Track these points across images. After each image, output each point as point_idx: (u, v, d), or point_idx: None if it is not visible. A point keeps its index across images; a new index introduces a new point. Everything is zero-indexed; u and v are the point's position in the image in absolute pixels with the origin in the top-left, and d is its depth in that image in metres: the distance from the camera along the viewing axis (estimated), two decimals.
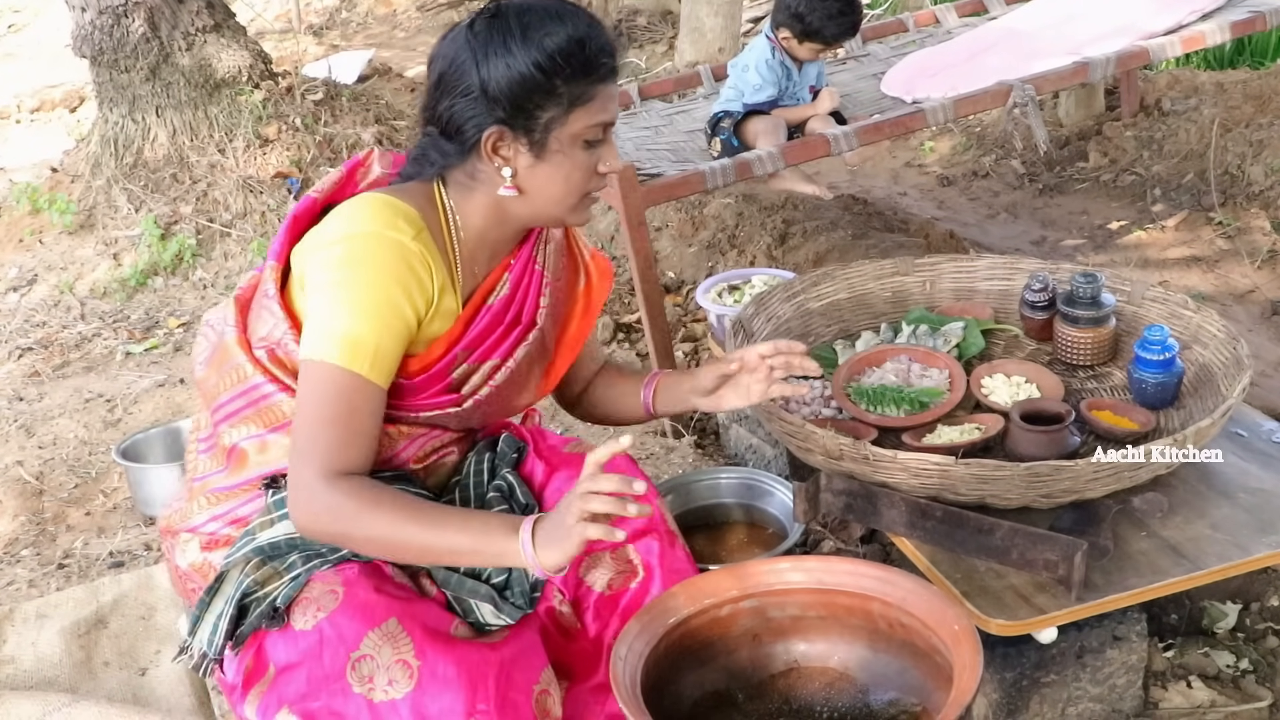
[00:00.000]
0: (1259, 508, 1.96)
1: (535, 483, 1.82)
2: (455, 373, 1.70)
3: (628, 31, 7.73)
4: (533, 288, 1.77)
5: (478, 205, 1.68)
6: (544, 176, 1.64)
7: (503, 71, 1.57)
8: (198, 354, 1.81)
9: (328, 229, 1.62)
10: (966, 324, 2.51)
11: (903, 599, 1.64)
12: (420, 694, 1.49)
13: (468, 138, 1.62)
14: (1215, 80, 4.98)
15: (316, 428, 1.55)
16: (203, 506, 1.74)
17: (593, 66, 1.60)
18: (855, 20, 3.44)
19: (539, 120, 1.60)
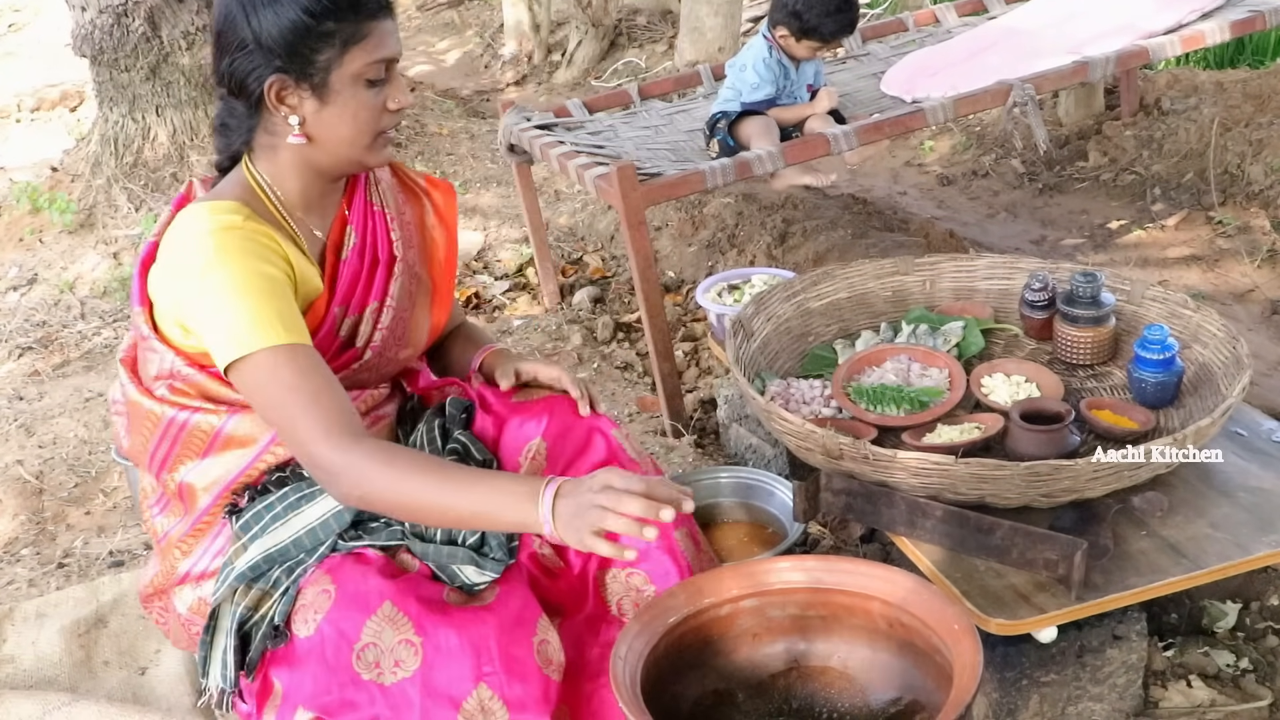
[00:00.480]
0: (1259, 507, 1.96)
1: (489, 438, 1.83)
2: (342, 330, 1.74)
3: (627, 31, 7.72)
4: (380, 227, 1.80)
5: (285, 165, 1.70)
6: (332, 120, 1.65)
7: (272, 20, 1.58)
8: (118, 433, 1.86)
9: (167, 254, 1.66)
10: (966, 323, 2.51)
11: (903, 598, 1.64)
12: (428, 669, 1.52)
13: (252, 92, 1.63)
14: (1215, 79, 4.97)
15: (284, 408, 1.57)
16: (178, 558, 1.77)
17: (360, 5, 1.61)
18: (852, 17, 3.43)
19: (316, 64, 1.60)
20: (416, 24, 10.74)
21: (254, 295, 1.57)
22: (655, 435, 3.01)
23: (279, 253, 1.64)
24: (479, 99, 7.62)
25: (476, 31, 9.64)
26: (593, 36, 7.52)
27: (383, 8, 1.64)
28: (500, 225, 4.74)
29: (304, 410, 1.56)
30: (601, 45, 7.59)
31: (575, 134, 3.62)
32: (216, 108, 1.74)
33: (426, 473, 1.55)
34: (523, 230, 4.41)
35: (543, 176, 4.94)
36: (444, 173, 5.28)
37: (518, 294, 4.25)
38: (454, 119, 6.26)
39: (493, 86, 7.97)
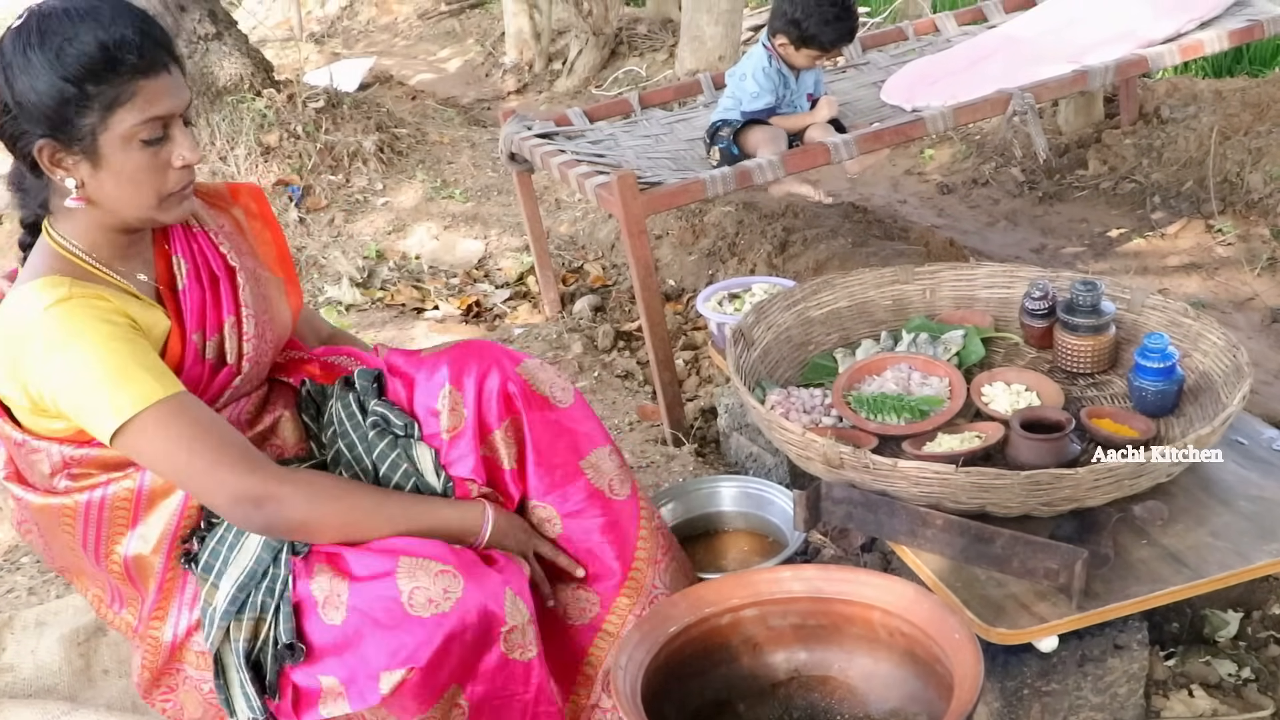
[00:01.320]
0: (1260, 515, 1.96)
1: (404, 402, 1.83)
2: (206, 354, 1.71)
3: (628, 40, 7.74)
4: (205, 246, 1.76)
5: (84, 223, 1.64)
6: (109, 183, 1.58)
7: (28, 86, 1.52)
8: (39, 549, 1.80)
9: (6, 349, 1.58)
10: (966, 332, 2.51)
11: (903, 608, 1.64)
12: (472, 583, 1.59)
13: (25, 155, 1.58)
14: (1214, 88, 4.98)
15: (194, 458, 1.56)
16: (158, 628, 1.75)
17: (114, 65, 1.53)
18: (851, 26, 3.43)
19: (81, 128, 1.54)
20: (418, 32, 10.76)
21: (113, 358, 1.53)
22: (656, 444, 3.01)
23: (117, 309, 1.59)
24: (480, 107, 7.63)
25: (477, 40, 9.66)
26: (593, 45, 7.53)
27: (152, 65, 1.55)
28: (501, 234, 4.75)
29: (214, 456, 1.56)
30: (602, 54, 7.60)
31: (576, 142, 3.63)
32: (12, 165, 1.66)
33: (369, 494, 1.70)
34: (523, 239, 4.42)
35: (543, 185, 4.95)
36: (444, 181, 5.28)
37: (518, 302, 4.26)
38: (455, 127, 6.27)
39: (494, 95, 7.98)
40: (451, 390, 1.77)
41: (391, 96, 6.84)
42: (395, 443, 1.77)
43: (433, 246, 4.71)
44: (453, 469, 1.75)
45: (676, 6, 7.39)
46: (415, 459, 1.76)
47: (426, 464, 1.75)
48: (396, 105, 6.36)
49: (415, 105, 6.80)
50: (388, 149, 5.40)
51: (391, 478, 1.75)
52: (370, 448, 1.77)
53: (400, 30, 11.30)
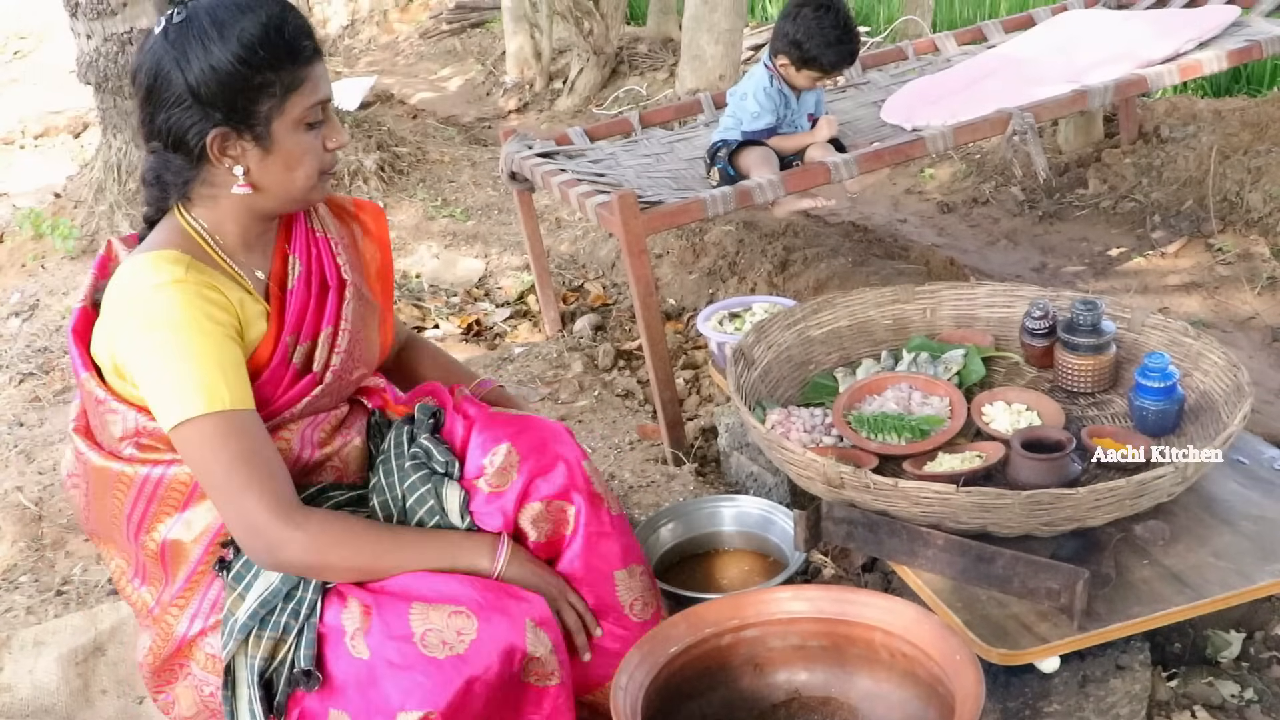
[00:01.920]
0: (1261, 535, 1.95)
1: (456, 440, 1.82)
2: (295, 358, 1.72)
3: (629, 59, 7.76)
4: (324, 253, 1.80)
5: (227, 211, 1.69)
6: (276, 167, 1.65)
7: (209, 74, 1.57)
8: (77, 507, 1.82)
9: (109, 313, 1.63)
10: (967, 351, 2.51)
11: (904, 628, 1.63)
12: (487, 624, 1.58)
13: (193, 147, 1.62)
14: (1213, 107, 5.00)
15: (231, 476, 1.57)
16: (173, 621, 1.74)
17: (296, 50, 1.61)
18: (853, 48, 3.44)
19: (258, 114, 1.61)
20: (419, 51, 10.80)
21: (199, 357, 1.56)
22: (656, 463, 3.00)
23: (223, 303, 1.62)
24: (480, 126, 7.65)
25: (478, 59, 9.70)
26: (594, 64, 7.56)
27: (315, 52, 1.65)
28: (501, 252, 4.75)
29: (253, 481, 1.57)
30: (603, 73, 7.63)
31: (576, 162, 3.63)
32: (146, 163, 1.69)
33: (380, 539, 1.66)
34: (524, 257, 4.42)
35: (544, 204, 4.95)
36: (445, 199, 5.29)
37: (519, 321, 4.26)
38: (455, 146, 6.29)
39: (494, 114, 8.01)
40: (510, 449, 1.76)
41: (392, 115, 6.87)
42: (429, 478, 1.75)
43: (433, 265, 4.72)
44: (479, 519, 1.74)
45: (677, 26, 7.42)
46: (444, 497, 1.74)
47: (453, 505, 1.73)
48: (397, 124, 6.38)
49: (416, 124, 6.83)
50: (388, 167, 5.42)
51: (417, 511, 1.73)
52: (404, 478, 1.76)
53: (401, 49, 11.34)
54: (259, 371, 1.67)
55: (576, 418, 3.35)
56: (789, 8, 3.42)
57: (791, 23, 3.38)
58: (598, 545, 1.78)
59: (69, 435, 1.76)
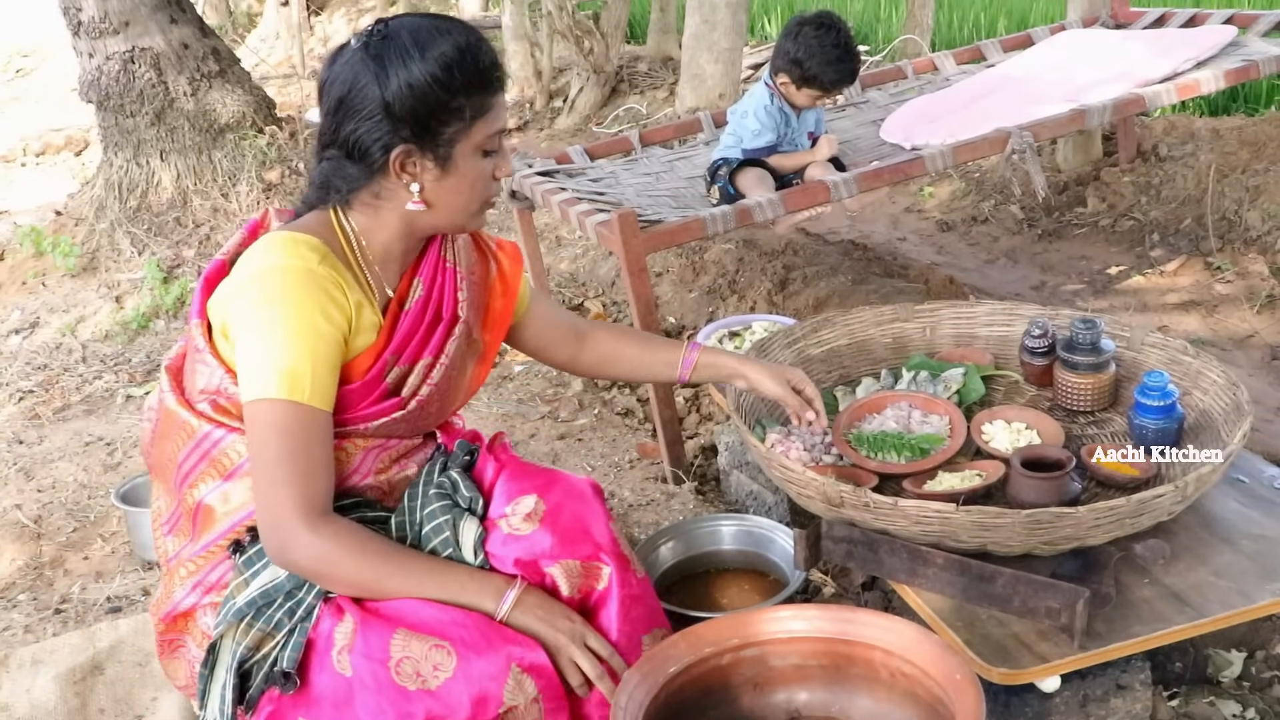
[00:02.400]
0: (1262, 554, 1.95)
1: (485, 480, 1.82)
2: (389, 378, 1.74)
3: (629, 78, 7.79)
4: (448, 285, 1.82)
5: (384, 221, 1.73)
6: (450, 188, 1.70)
7: (406, 91, 1.61)
8: (144, 438, 1.86)
9: (237, 275, 1.67)
10: (967, 370, 2.51)
11: (904, 648, 1.63)
12: (465, 665, 1.55)
13: (374, 159, 1.66)
14: (1211, 126, 5.02)
15: (277, 466, 1.59)
16: (182, 578, 1.76)
17: (487, 79, 1.67)
18: (853, 67, 3.46)
19: (444, 135, 1.65)
20: None
21: (299, 347, 1.60)
22: (656, 482, 3.00)
23: (342, 303, 1.65)
24: None
25: None
26: (594, 83, 7.59)
27: (502, 83, 1.71)
28: None
29: (293, 478, 1.59)
30: (603, 91, 7.66)
31: (577, 180, 3.64)
32: (317, 167, 1.73)
33: (389, 561, 1.63)
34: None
35: (544, 222, 4.96)
36: None
37: None
38: None
39: None
40: (537, 501, 1.74)
41: None
42: (450, 509, 1.75)
43: None
44: (494, 559, 1.71)
45: (677, 45, 7.45)
46: (460, 530, 1.72)
47: (468, 539, 1.72)
48: None
49: None
50: None
51: (431, 540, 1.73)
52: (425, 504, 1.76)
53: None
54: (352, 378, 1.70)
55: (576, 436, 3.35)
56: (790, 26, 3.43)
57: (792, 41, 3.39)
58: (631, 610, 1.75)
59: (160, 370, 1.82)
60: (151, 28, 5.01)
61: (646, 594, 1.80)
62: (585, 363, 2.16)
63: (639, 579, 1.79)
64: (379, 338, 1.73)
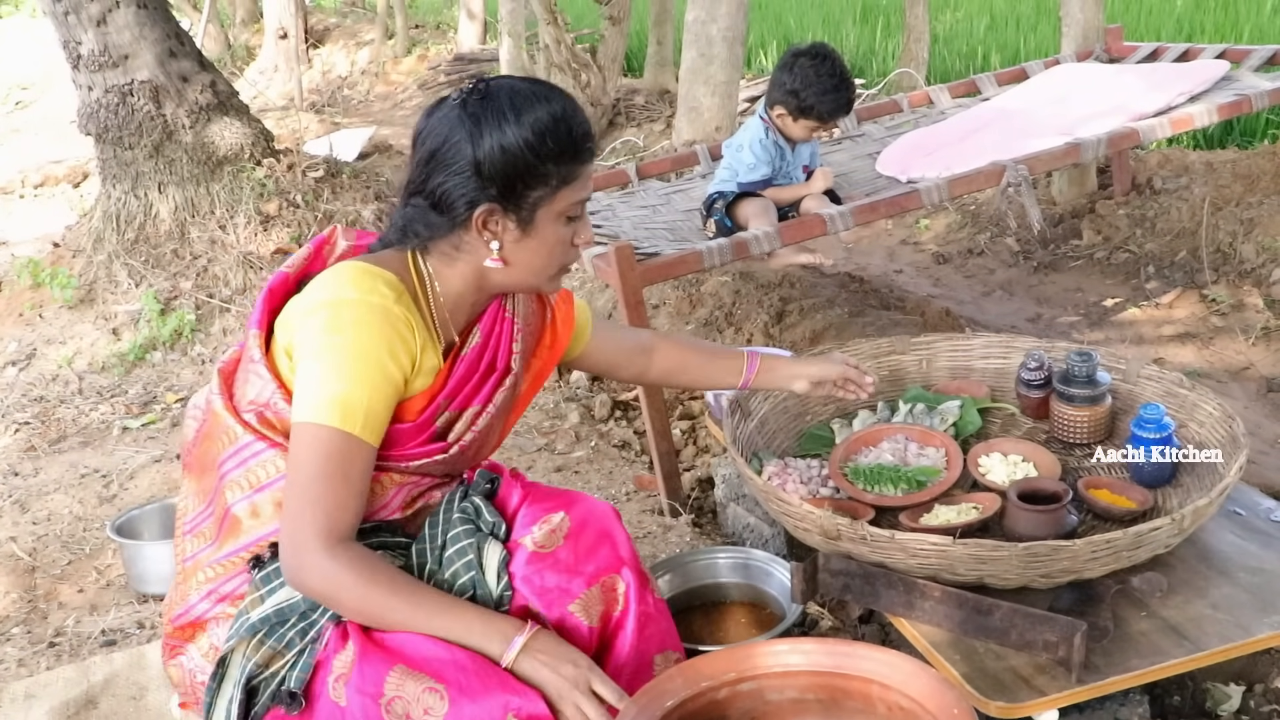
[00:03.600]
0: (1260, 587, 1.95)
1: (509, 507, 1.81)
2: (439, 421, 1.76)
3: (625, 111, 7.83)
4: (505, 335, 1.85)
5: (459, 273, 1.76)
6: (529, 250, 1.73)
7: (497, 152, 1.64)
8: (186, 436, 1.87)
9: (312, 297, 1.68)
10: (963, 402, 2.51)
11: (902, 681, 1.62)
12: (456, 711, 1.53)
13: (458, 213, 1.69)
14: (1205, 159, 5.05)
15: (313, 488, 1.60)
16: (199, 583, 1.76)
17: (579, 149, 1.70)
18: (849, 97, 3.47)
19: (528, 199, 1.69)
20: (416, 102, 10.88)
21: (361, 381, 1.62)
22: (652, 514, 3.00)
23: (410, 346, 1.68)
24: None
25: None
26: (591, 116, 7.63)
27: (592, 153, 1.74)
28: None
29: (324, 502, 1.60)
30: (600, 124, 7.69)
31: None
32: (400, 211, 1.76)
33: (398, 593, 1.61)
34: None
35: None
36: None
37: None
38: None
39: None
40: (564, 518, 1.74)
41: (391, 165, 6.91)
42: (473, 533, 1.74)
43: None
44: (517, 581, 1.70)
45: (674, 78, 7.49)
46: (484, 553, 1.71)
47: (491, 562, 1.70)
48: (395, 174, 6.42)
49: None
50: (386, 218, 5.43)
51: (454, 562, 1.72)
52: (448, 529, 1.76)
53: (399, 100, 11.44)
54: (404, 418, 1.72)
55: (573, 468, 3.35)
56: (785, 58, 3.45)
57: (788, 73, 3.40)
58: (645, 627, 1.75)
59: (214, 371, 1.83)
60: (150, 61, 5.03)
61: (662, 614, 1.81)
62: (653, 376, 2.24)
63: (655, 599, 1.79)
64: (436, 381, 1.75)
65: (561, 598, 1.69)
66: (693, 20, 5.75)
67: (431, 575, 1.71)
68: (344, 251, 1.85)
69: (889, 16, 10.14)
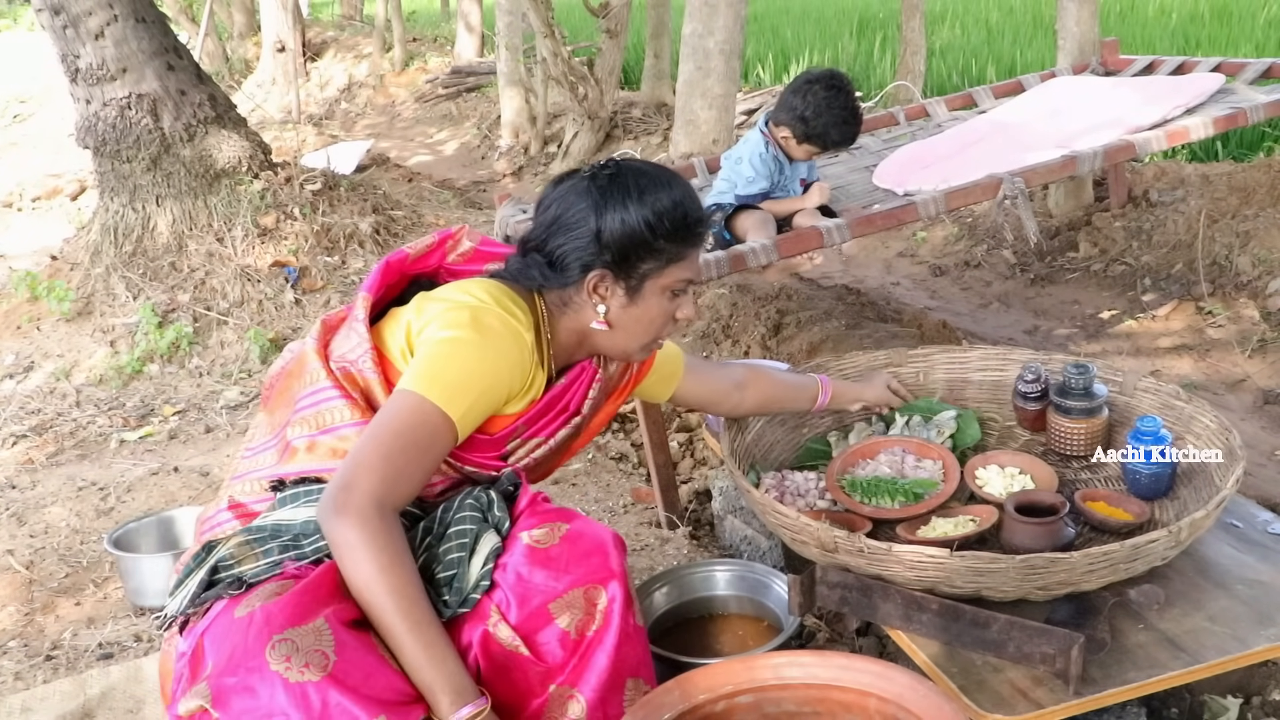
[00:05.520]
0: (1257, 599, 1.95)
1: (516, 509, 1.85)
2: (510, 444, 1.88)
3: (623, 123, 7.84)
4: (584, 381, 1.97)
5: (566, 325, 1.91)
6: (632, 317, 1.89)
7: (618, 225, 1.81)
8: (272, 370, 1.99)
9: (458, 297, 1.81)
10: (959, 414, 2.52)
11: (899, 694, 1.62)
12: (331, 682, 1.51)
13: (572, 274, 1.84)
14: (1201, 172, 5.06)
15: (390, 444, 1.67)
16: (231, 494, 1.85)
17: (692, 232, 1.86)
18: (857, 130, 3.44)
19: (639, 270, 1.84)
20: (415, 115, 10.91)
21: (477, 379, 1.74)
22: (650, 527, 3.00)
23: (526, 372, 1.82)
24: (476, 189, 7.72)
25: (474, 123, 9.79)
26: (589, 128, 7.64)
27: (703, 237, 1.90)
28: None
29: (393, 460, 1.66)
30: (597, 137, 7.71)
31: None
32: (520, 258, 1.90)
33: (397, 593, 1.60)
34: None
35: None
36: None
37: None
38: (450, 209, 6.33)
39: (489, 177, 8.07)
40: (560, 524, 1.77)
41: (388, 178, 6.92)
42: (478, 521, 1.79)
43: None
44: (502, 573, 1.71)
45: (671, 90, 7.51)
46: (479, 539, 1.74)
47: (483, 550, 1.73)
48: (393, 187, 6.44)
49: (411, 187, 6.88)
50: (384, 230, 5.45)
51: (451, 540, 1.75)
52: (458, 510, 1.79)
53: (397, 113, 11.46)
54: (488, 430, 1.84)
55: (570, 481, 3.35)
56: (798, 83, 3.42)
57: (800, 98, 3.38)
58: (624, 645, 1.74)
59: (316, 322, 1.95)
60: (148, 74, 5.04)
61: (641, 640, 1.80)
62: (747, 409, 2.39)
63: (636, 624, 1.79)
64: (526, 409, 1.87)
65: (543, 594, 1.70)
66: (690, 34, 5.76)
67: (429, 548, 1.75)
68: (466, 251, 1.98)
69: (886, 30, 10.18)
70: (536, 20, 7.24)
